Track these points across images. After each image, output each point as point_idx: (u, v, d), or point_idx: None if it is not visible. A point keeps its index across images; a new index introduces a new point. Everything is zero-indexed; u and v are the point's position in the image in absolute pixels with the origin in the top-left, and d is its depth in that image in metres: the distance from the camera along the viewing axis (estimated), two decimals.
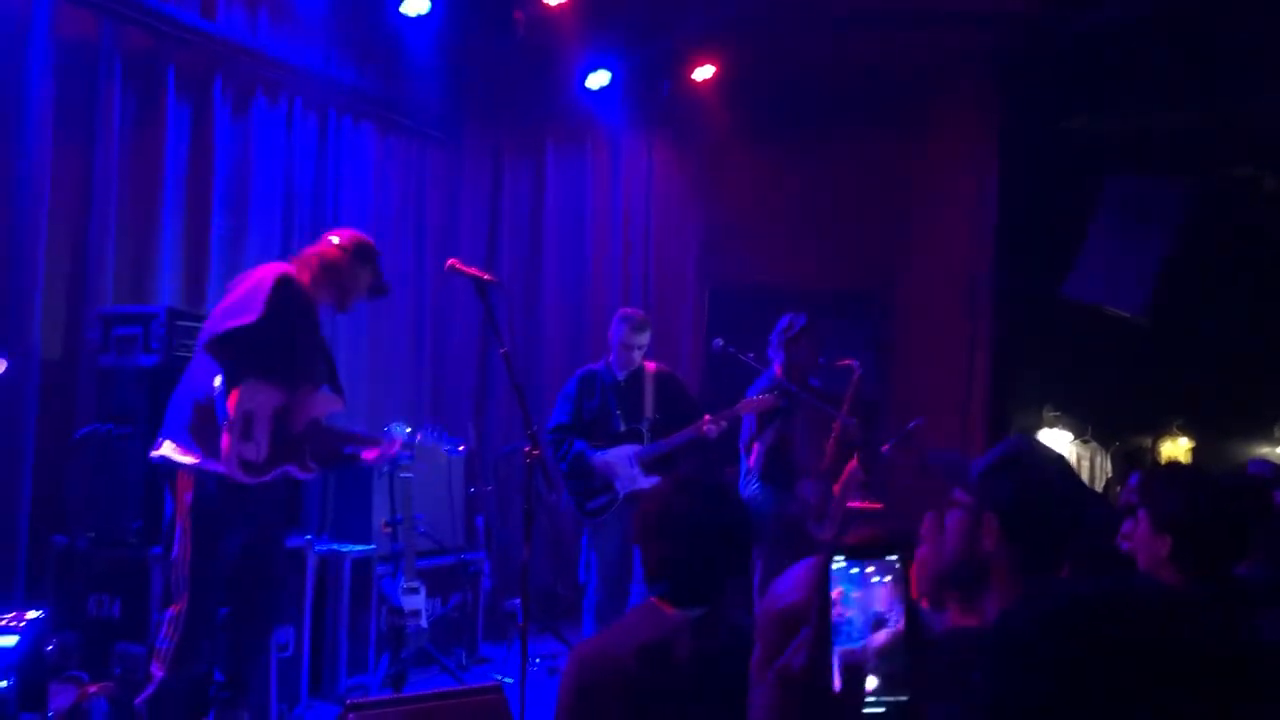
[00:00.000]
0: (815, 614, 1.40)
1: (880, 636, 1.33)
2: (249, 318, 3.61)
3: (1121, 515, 2.95)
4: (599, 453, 5.18)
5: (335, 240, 4.01)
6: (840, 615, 1.35)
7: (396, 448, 4.26)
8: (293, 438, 3.81)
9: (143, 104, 5.15)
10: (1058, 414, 8.29)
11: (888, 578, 1.34)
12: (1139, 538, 2.57)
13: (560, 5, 6.27)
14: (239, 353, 3.62)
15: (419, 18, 6.12)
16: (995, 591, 1.82)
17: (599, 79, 7.05)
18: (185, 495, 3.60)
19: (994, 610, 1.81)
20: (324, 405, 4.00)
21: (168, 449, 3.64)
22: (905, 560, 1.36)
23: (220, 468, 3.58)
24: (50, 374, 4.71)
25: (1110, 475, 8.14)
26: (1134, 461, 8.11)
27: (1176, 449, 8.17)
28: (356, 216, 6.39)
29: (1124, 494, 4.16)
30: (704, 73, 7.21)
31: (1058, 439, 8.25)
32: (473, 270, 4.25)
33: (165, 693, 3.53)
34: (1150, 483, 2.69)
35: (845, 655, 1.33)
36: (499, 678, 5.10)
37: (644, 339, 5.36)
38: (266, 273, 3.79)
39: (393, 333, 6.72)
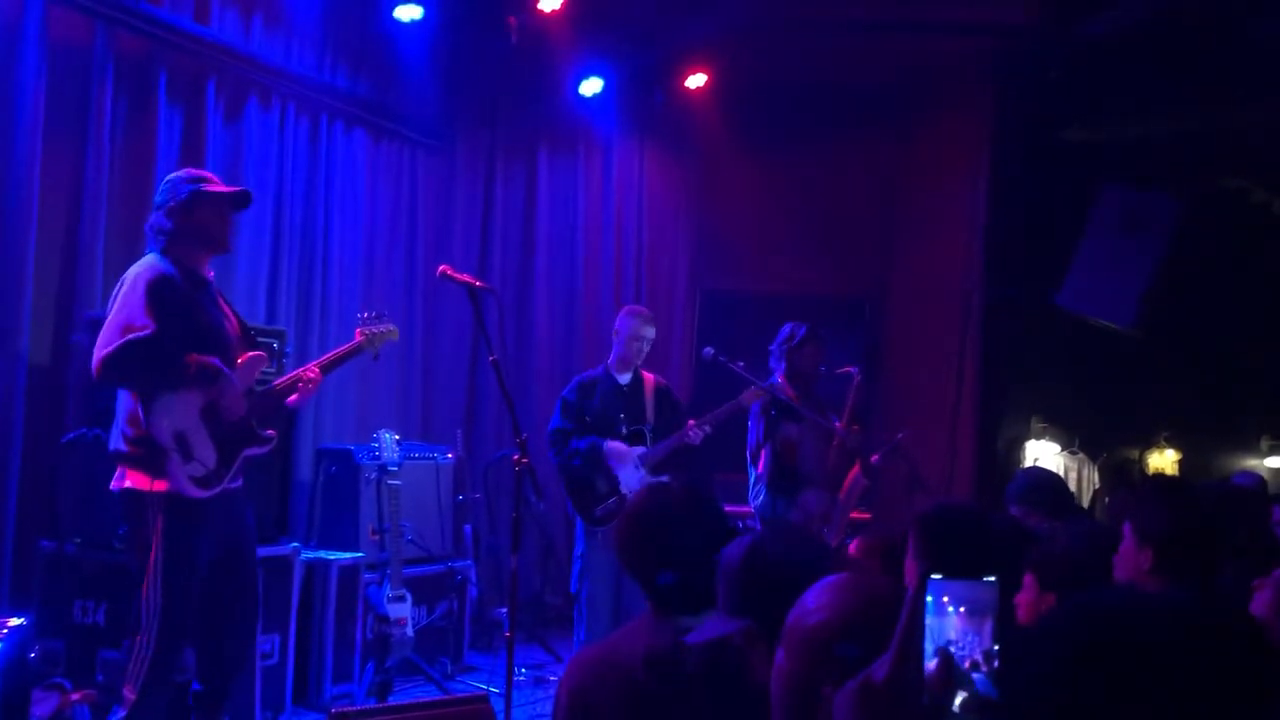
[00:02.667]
0: (903, 628, 1.39)
1: (931, 666, 1.32)
2: (142, 332, 3.46)
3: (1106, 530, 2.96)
4: (609, 441, 5.18)
5: (159, 201, 3.72)
6: None
7: (311, 371, 3.96)
8: (235, 425, 3.71)
9: (135, 108, 5.14)
10: (1046, 425, 8.31)
11: (962, 607, 1.33)
12: (1123, 551, 2.58)
13: (553, 12, 6.28)
14: (133, 368, 3.50)
15: (412, 23, 6.13)
16: None
17: (592, 86, 7.06)
18: (157, 521, 3.52)
19: None
20: (250, 373, 3.79)
21: (130, 480, 3.56)
22: (1005, 583, 1.36)
23: (183, 488, 3.54)
24: (39, 378, 4.70)
25: (1098, 487, 8.17)
26: (1122, 473, 8.14)
27: (1164, 461, 8.20)
28: (348, 223, 6.39)
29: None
30: (697, 80, 7.22)
31: (1046, 449, 8.27)
32: (464, 277, 4.24)
33: (139, 714, 3.48)
34: (1133, 496, 2.71)
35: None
36: (485, 687, 5.08)
37: (651, 333, 5.38)
38: (138, 278, 3.59)
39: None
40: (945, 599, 1.33)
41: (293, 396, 3.91)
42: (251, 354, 3.81)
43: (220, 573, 3.72)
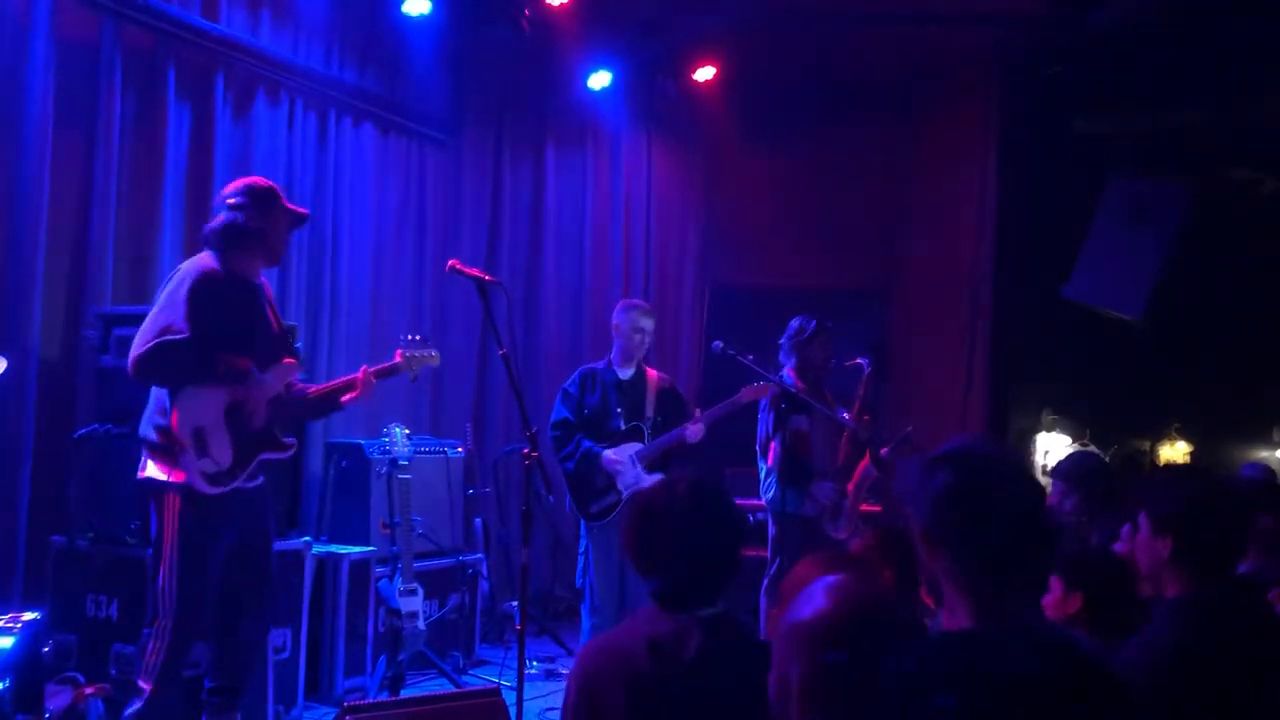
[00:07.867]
0: None
1: None
2: (178, 335, 3.51)
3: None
4: (607, 451, 5.16)
5: (231, 202, 3.78)
6: None
7: (362, 374, 3.99)
8: (256, 431, 3.74)
9: (143, 103, 5.14)
10: (1056, 417, 8.29)
11: None
12: (1139, 542, 2.55)
13: (561, 5, 6.27)
14: (166, 369, 3.54)
15: (420, 17, 6.12)
16: (946, 612, 1.77)
17: (600, 79, 7.05)
18: (172, 512, 3.55)
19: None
20: (280, 379, 3.83)
21: (151, 469, 3.60)
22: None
23: (194, 482, 3.56)
24: (50, 373, 4.70)
25: None
26: (1133, 465, 8.11)
27: (1175, 452, 8.18)
28: (357, 217, 6.39)
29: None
30: (705, 73, 7.21)
31: (1056, 442, 8.25)
32: (473, 271, 4.24)
33: (153, 706, 3.51)
34: (1149, 484, 2.68)
35: None
36: (496, 680, 5.09)
37: (650, 325, 5.34)
38: (185, 275, 3.65)
39: (392, 333, 6.70)
40: None
41: (351, 394, 3.96)
42: (286, 360, 3.87)
43: (235, 569, 3.73)
